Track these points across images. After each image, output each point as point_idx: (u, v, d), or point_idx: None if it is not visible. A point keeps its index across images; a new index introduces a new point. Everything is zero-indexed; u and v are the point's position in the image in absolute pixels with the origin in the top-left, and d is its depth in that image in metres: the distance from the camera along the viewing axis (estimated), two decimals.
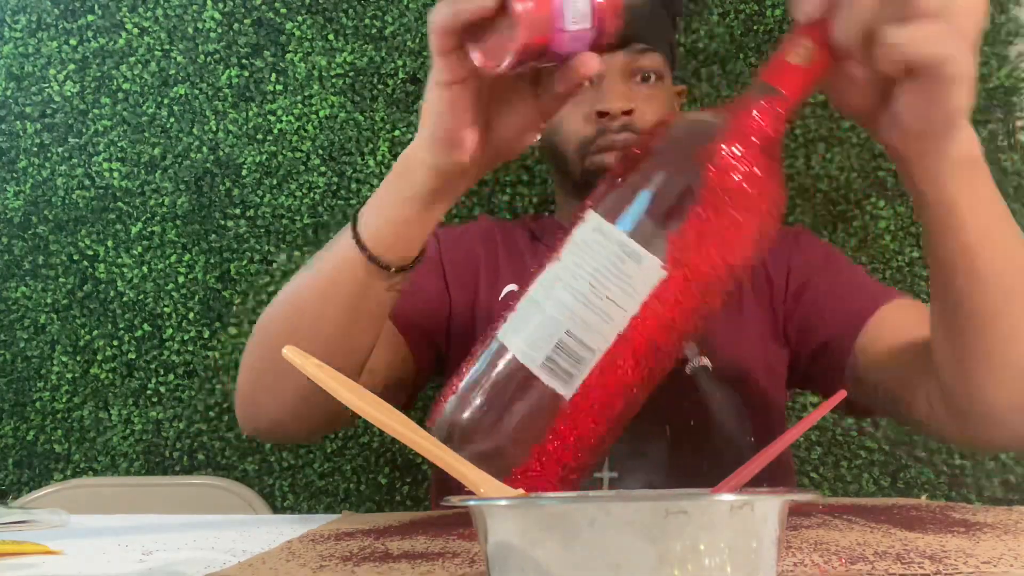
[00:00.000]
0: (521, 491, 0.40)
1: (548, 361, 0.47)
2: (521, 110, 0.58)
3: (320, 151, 1.28)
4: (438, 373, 0.92)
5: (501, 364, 0.48)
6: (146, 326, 1.27)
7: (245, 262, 1.27)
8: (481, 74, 0.53)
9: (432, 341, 0.89)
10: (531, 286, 0.50)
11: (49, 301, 1.28)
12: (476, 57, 0.52)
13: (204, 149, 1.29)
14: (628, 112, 0.86)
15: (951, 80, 0.47)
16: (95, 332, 1.27)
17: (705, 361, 0.84)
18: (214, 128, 1.29)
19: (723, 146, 0.46)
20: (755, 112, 0.48)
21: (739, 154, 0.46)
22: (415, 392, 0.91)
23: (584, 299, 0.47)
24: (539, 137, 0.88)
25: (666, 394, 0.51)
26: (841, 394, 0.38)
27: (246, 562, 0.45)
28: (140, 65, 1.31)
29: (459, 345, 0.90)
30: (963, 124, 0.52)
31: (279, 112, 1.29)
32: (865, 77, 0.50)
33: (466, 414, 0.48)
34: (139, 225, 1.29)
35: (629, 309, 0.46)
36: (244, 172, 1.28)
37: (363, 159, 1.28)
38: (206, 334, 1.26)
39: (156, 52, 1.31)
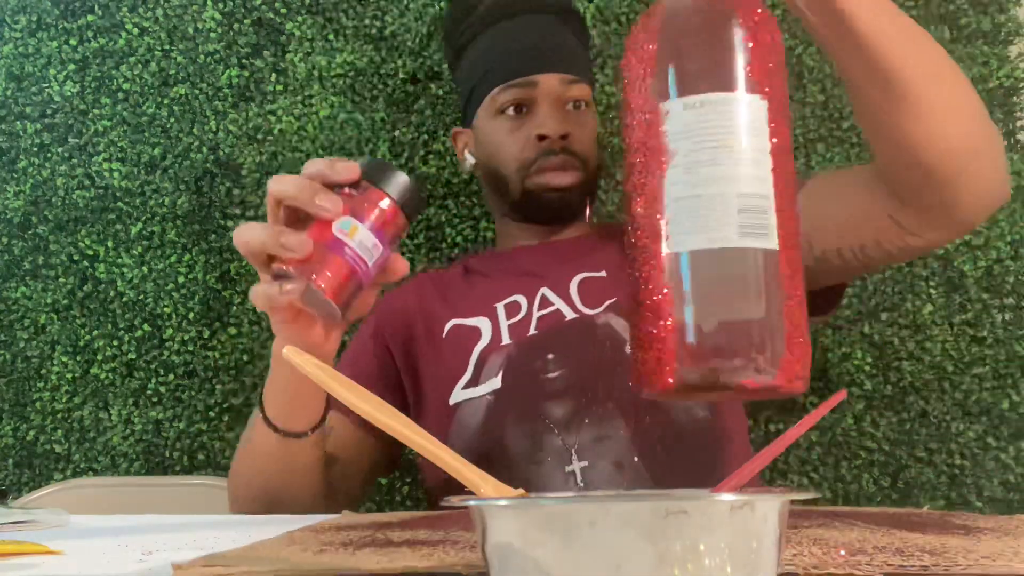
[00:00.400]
0: (521, 491, 0.40)
1: (742, 228, 0.46)
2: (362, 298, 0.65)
3: (320, 151, 1.28)
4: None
5: (699, 269, 0.46)
6: (146, 326, 1.27)
7: (245, 262, 1.27)
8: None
9: (399, 396, 0.96)
10: (661, 197, 0.48)
11: (49, 301, 1.28)
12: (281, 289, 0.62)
13: (204, 149, 1.29)
14: (564, 136, 0.95)
15: None
16: (95, 332, 1.27)
17: None
18: (214, 128, 1.29)
19: None
20: None
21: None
22: (391, 457, 0.97)
23: (728, 158, 0.47)
24: (474, 165, 1.03)
25: (615, 375, 0.52)
26: (841, 394, 0.38)
27: (248, 546, 0.45)
28: (140, 65, 1.31)
29: (412, 397, 0.97)
30: None
31: (279, 112, 1.29)
32: None
33: (708, 330, 0.46)
34: (139, 225, 1.29)
35: (765, 147, 0.46)
36: (244, 172, 1.28)
37: None
38: (206, 334, 1.26)
39: (156, 52, 1.31)
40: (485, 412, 0.86)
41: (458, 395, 0.89)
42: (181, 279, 1.27)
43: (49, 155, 1.31)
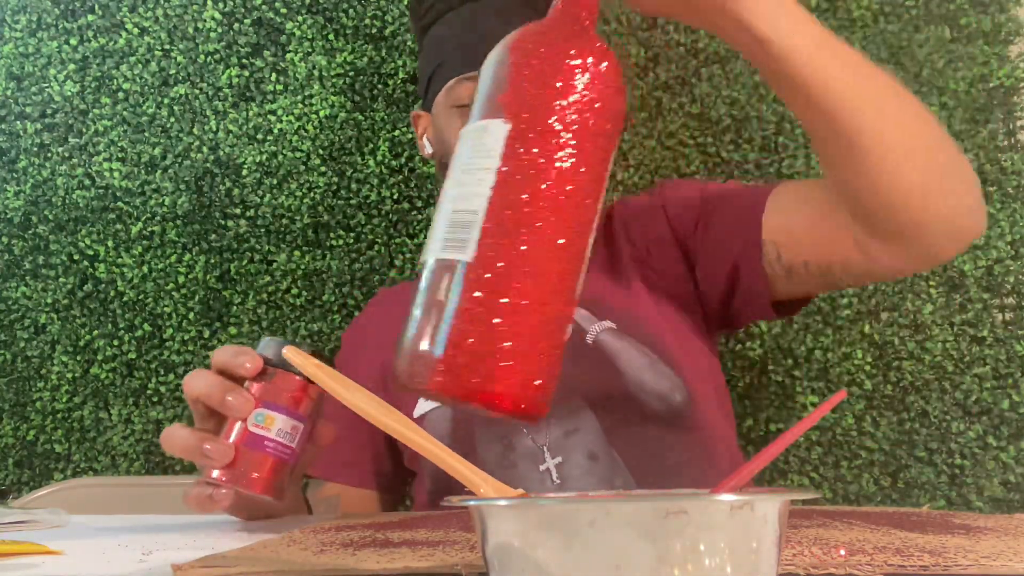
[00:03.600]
0: (521, 491, 0.40)
1: (445, 242, 0.48)
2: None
3: (320, 151, 1.28)
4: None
5: (421, 280, 0.49)
6: (146, 326, 1.27)
7: (245, 262, 1.27)
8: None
9: (388, 448, 0.94)
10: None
11: (49, 301, 1.28)
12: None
13: (204, 149, 1.29)
14: None
15: None
16: (95, 332, 1.27)
17: (607, 323, 0.86)
18: (214, 128, 1.29)
19: (530, 30, 0.51)
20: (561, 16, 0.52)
21: (536, 31, 0.51)
22: (399, 493, 0.98)
23: (459, 181, 0.50)
24: (431, 153, 0.97)
25: (576, 368, 0.52)
26: (841, 394, 0.38)
27: (248, 546, 0.45)
28: (140, 65, 1.31)
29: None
30: None
31: (279, 112, 1.29)
32: None
33: (408, 331, 0.48)
34: (139, 225, 1.29)
35: (492, 165, 0.48)
36: (244, 172, 1.28)
37: (363, 159, 1.28)
38: (206, 334, 1.26)
39: (156, 52, 1.31)
40: (451, 421, 0.85)
41: (422, 407, 0.87)
42: (181, 279, 1.27)
43: (49, 155, 1.31)
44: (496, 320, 0.45)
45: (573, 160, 0.48)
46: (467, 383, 0.43)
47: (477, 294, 0.45)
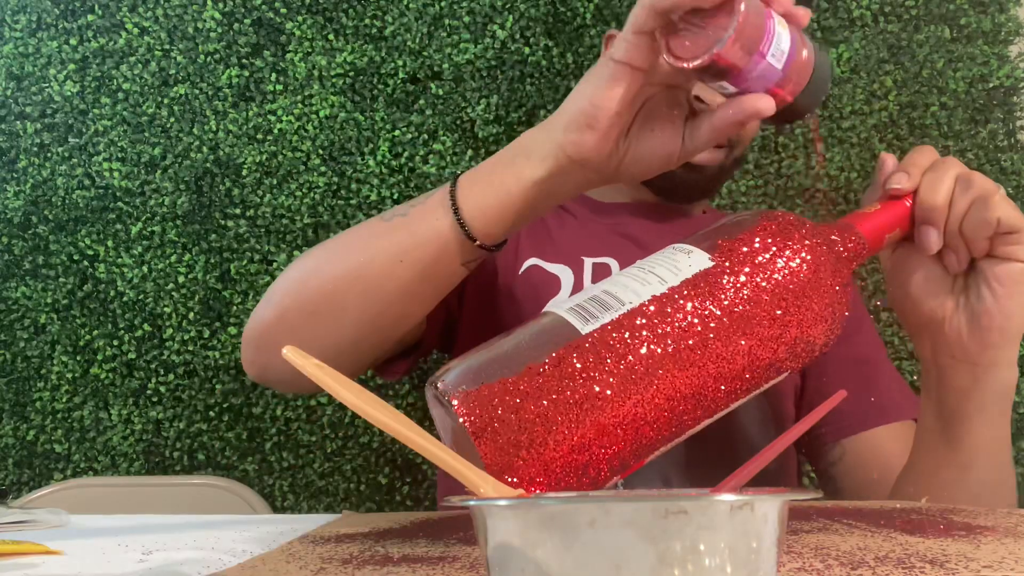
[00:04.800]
0: (521, 491, 0.40)
1: (576, 307, 0.48)
2: (665, 136, 0.56)
3: (320, 151, 1.28)
4: (440, 349, 0.90)
5: (532, 322, 0.49)
6: (146, 326, 1.27)
7: (245, 262, 1.27)
8: (658, 70, 0.53)
9: (447, 308, 0.85)
10: None
11: (49, 301, 1.28)
12: (667, 48, 0.51)
13: (204, 149, 1.29)
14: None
15: None
16: (95, 332, 1.27)
17: None
18: (214, 128, 1.29)
19: (798, 228, 0.51)
20: (834, 234, 0.53)
21: (801, 222, 0.51)
22: (416, 358, 0.87)
23: (631, 273, 0.49)
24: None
25: None
26: (841, 394, 0.38)
27: (246, 563, 0.45)
28: (140, 65, 1.31)
29: (471, 317, 0.87)
30: (1011, 353, 0.58)
31: (279, 112, 1.29)
32: (948, 263, 0.57)
33: (487, 348, 0.48)
34: (139, 225, 1.29)
35: (669, 280, 0.47)
36: (244, 172, 1.28)
37: (363, 159, 1.28)
38: (206, 334, 1.26)
39: (156, 52, 1.31)
40: None
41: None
42: (181, 279, 1.27)
43: (49, 155, 1.31)
44: (555, 396, 0.43)
45: (734, 338, 0.46)
46: (478, 426, 0.43)
47: (561, 363, 0.44)
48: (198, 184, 1.29)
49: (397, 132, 1.28)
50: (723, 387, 0.47)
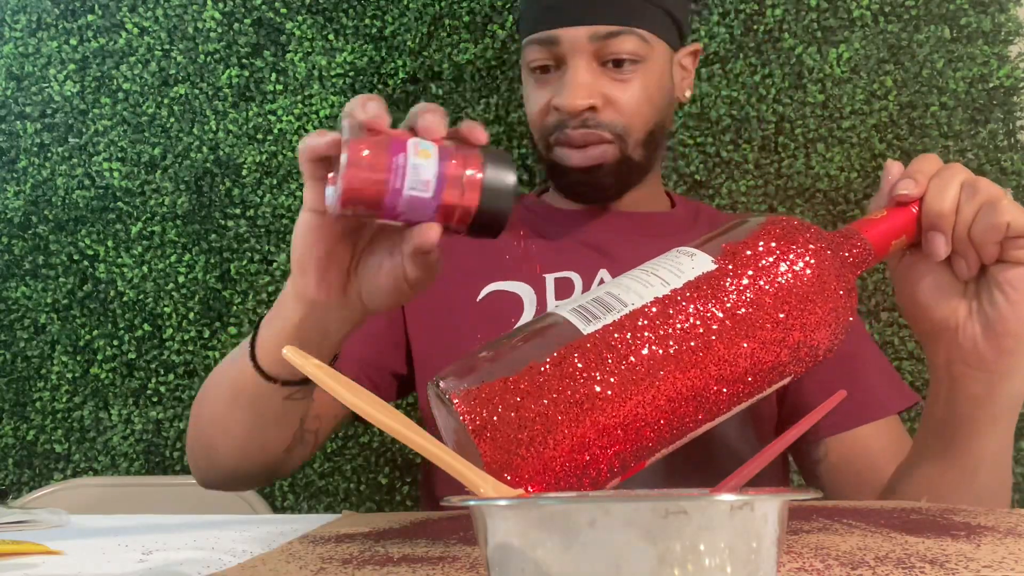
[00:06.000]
0: (521, 491, 0.40)
1: (579, 308, 0.48)
2: (386, 266, 0.55)
3: None
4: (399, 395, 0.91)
5: (533, 322, 0.49)
6: (146, 326, 1.27)
7: (245, 262, 1.27)
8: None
9: (393, 372, 0.87)
10: None
11: (49, 301, 1.28)
12: (327, 193, 0.52)
13: (204, 149, 1.29)
14: (592, 108, 0.80)
15: None
16: (95, 332, 1.27)
17: None
18: (214, 128, 1.29)
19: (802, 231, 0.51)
20: (839, 240, 0.53)
21: (807, 227, 0.51)
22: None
23: (634, 275, 0.49)
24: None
25: None
26: (841, 394, 0.38)
27: (246, 563, 0.45)
28: (140, 65, 1.31)
29: (424, 360, 0.87)
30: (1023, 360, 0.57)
31: (279, 112, 1.29)
32: (957, 269, 0.57)
33: (489, 345, 0.48)
34: (139, 225, 1.29)
35: (672, 283, 0.47)
36: (244, 172, 1.28)
37: None
38: (206, 334, 1.26)
39: (156, 52, 1.31)
40: None
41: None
42: (181, 279, 1.27)
43: (49, 155, 1.31)
44: (555, 396, 0.43)
45: (736, 341, 0.46)
46: (479, 424, 0.43)
47: (562, 363, 0.44)
48: (198, 184, 1.29)
49: None
50: (725, 389, 0.47)
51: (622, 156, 0.83)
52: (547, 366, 0.45)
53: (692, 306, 0.46)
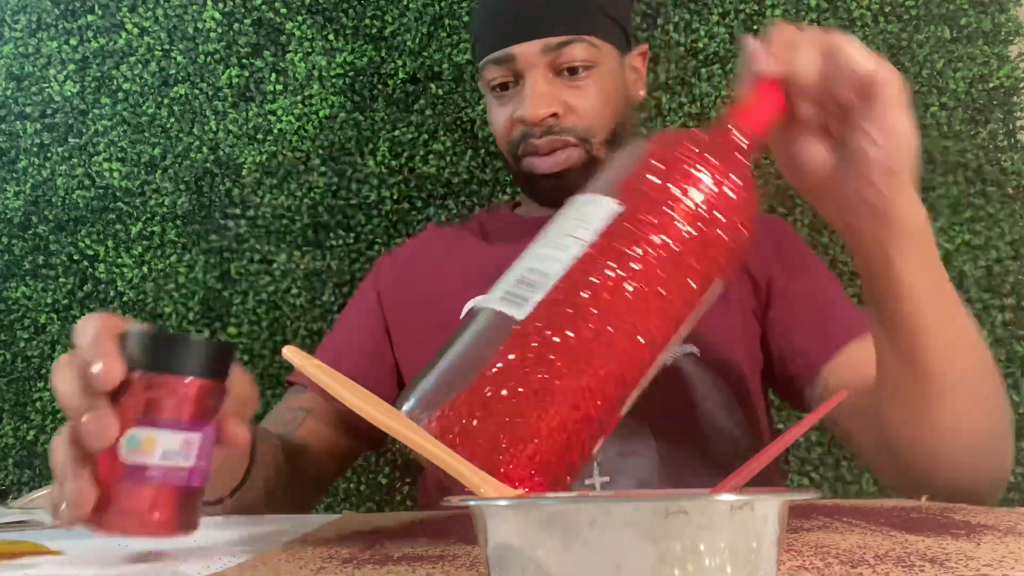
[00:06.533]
0: (521, 491, 0.40)
1: (506, 294, 0.47)
2: None
3: (320, 151, 1.28)
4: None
5: (467, 321, 0.49)
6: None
7: (245, 262, 1.27)
8: None
9: (382, 384, 0.91)
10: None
11: (49, 301, 1.28)
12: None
13: (204, 149, 1.29)
14: (554, 115, 0.85)
15: (897, 101, 0.53)
16: None
17: (691, 348, 0.83)
18: (214, 128, 1.29)
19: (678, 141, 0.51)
20: (719, 137, 0.53)
21: (689, 135, 0.51)
22: (371, 438, 0.93)
23: (547, 242, 0.49)
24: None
25: (649, 387, 0.52)
26: (842, 394, 0.38)
27: (246, 563, 0.45)
28: (140, 65, 1.31)
29: (409, 364, 0.91)
30: (908, 191, 0.55)
31: (279, 112, 1.29)
32: (819, 132, 0.57)
33: (433, 364, 0.47)
34: (139, 225, 1.29)
35: (585, 238, 0.47)
36: (244, 172, 1.28)
37: (363, 159, 1.28)
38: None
39: (156, 52, 1.31)
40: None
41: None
42: (181, 279, 1.27)
43: (49, 155, 1.31)
44: (520, 390, 0.43)
45: (666, 270, 0.46)
46: (457, 444, 0.42)
47: (511, 357, 0.44)
48: (198, 184, 1.29)
49: (397, 132, 1.28)
50: (669, 317, 0.48)
51: (588, 157, 0.87)
52: (497, 367, 0.44)
53: (613, 253, 0.46)
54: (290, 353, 0.40)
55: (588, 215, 0.48)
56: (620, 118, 0.90)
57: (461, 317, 0.81)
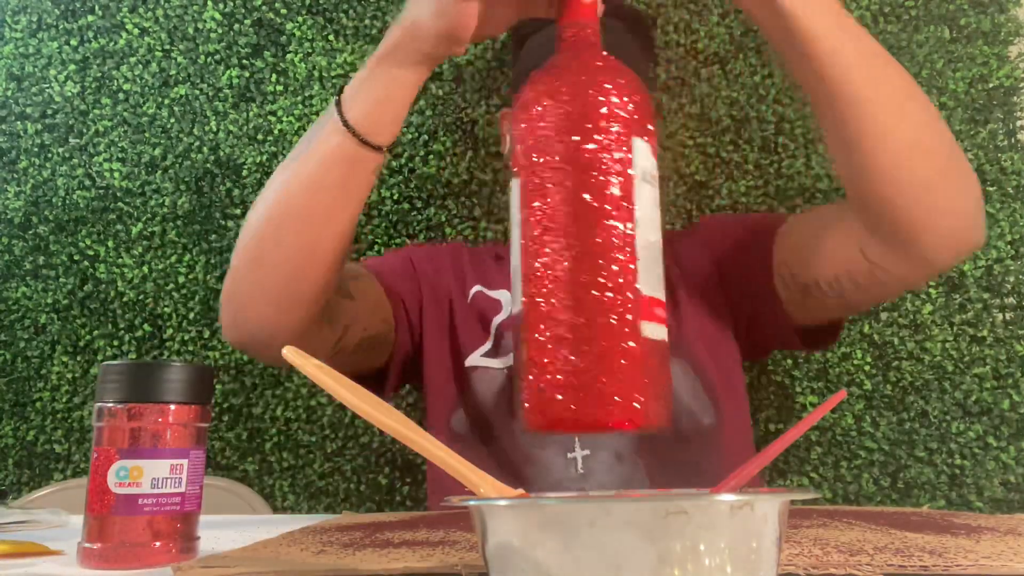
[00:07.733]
0: (521, 491, 0.40)
1: (513, 299, 0.50)
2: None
3: None
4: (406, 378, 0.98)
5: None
6: (146, 326, 1.27)
7: None
8: None
9: (411, 323, 0.96)
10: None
11: (49, 301, 1.28)
12: None
13: (204, 149, 1.29)
14: None
15: None
16: (95, 332, 1.27)
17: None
18: (214, 128, 1.29)
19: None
20: (561, 37, 0.54)
21: (547, 80, 0.51)
22: (387, 373, 0.95)
23: (512, 240, 0.51)
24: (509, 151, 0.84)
25: None
26: (841, 394, 0.38)
27: (248, 547, 0.45)
28: (140, 65, 1.31)
29: (431, 341, 0.96)
30: None
31: (279, 112, 1.29)
32: None
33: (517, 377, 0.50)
34: (139, 225, 1.29)
35: (516, 218, 0.49)
36: (244, 172, 1.28)
37: None
38: (206, 334, 1.26)
39: (156, 53, 1.31)
40: (500, 386, 0.87)
41: (476, 360, 0.90)
42: (181, 279, 1.27)
43: (49, 155, 1.31)
44: (563, 353, 0.45)
45: (571, 185, 0.48)
46: (564, 416, 0.44)
47: (537, 336, 0.46)
48: (198, 184, 1.29)
49: None
50: (613, 216, 0.49)
51: None
52: (529, 346, 0.46)
53: (548, 192, 0.48)
54: (290, 353, 0.40)
55: (512, 202, 0.50)
56: None
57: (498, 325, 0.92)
